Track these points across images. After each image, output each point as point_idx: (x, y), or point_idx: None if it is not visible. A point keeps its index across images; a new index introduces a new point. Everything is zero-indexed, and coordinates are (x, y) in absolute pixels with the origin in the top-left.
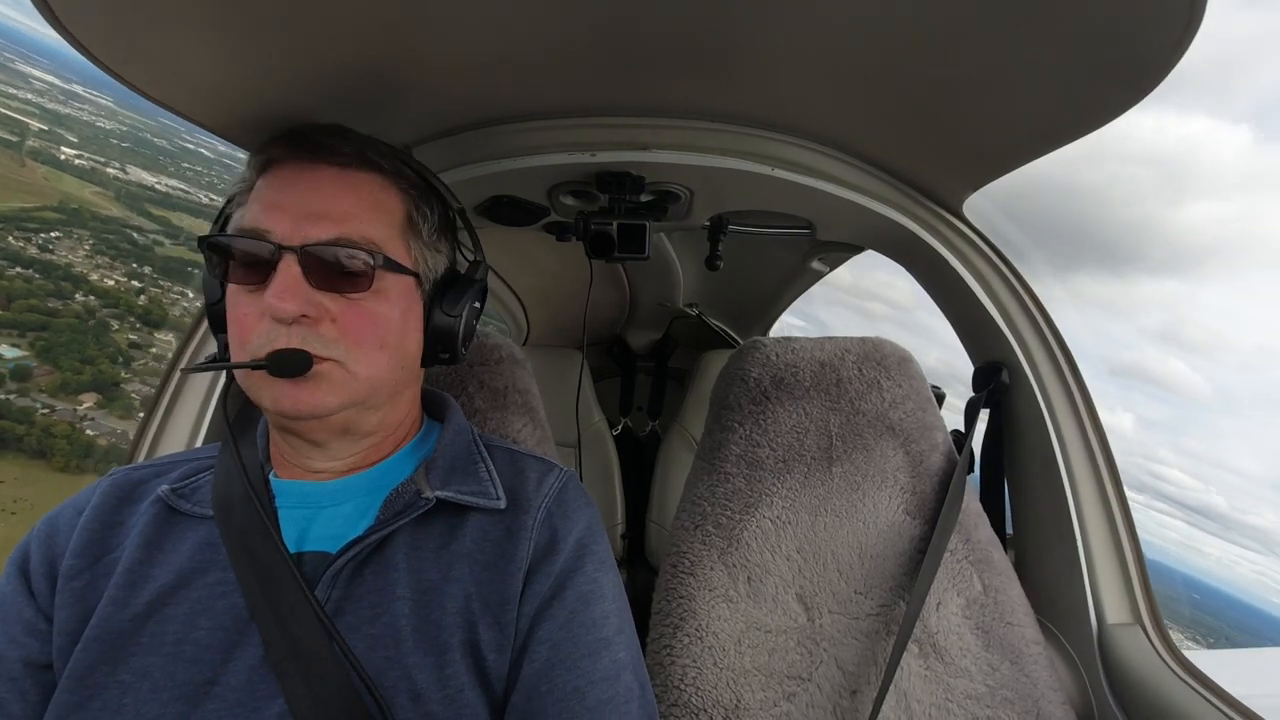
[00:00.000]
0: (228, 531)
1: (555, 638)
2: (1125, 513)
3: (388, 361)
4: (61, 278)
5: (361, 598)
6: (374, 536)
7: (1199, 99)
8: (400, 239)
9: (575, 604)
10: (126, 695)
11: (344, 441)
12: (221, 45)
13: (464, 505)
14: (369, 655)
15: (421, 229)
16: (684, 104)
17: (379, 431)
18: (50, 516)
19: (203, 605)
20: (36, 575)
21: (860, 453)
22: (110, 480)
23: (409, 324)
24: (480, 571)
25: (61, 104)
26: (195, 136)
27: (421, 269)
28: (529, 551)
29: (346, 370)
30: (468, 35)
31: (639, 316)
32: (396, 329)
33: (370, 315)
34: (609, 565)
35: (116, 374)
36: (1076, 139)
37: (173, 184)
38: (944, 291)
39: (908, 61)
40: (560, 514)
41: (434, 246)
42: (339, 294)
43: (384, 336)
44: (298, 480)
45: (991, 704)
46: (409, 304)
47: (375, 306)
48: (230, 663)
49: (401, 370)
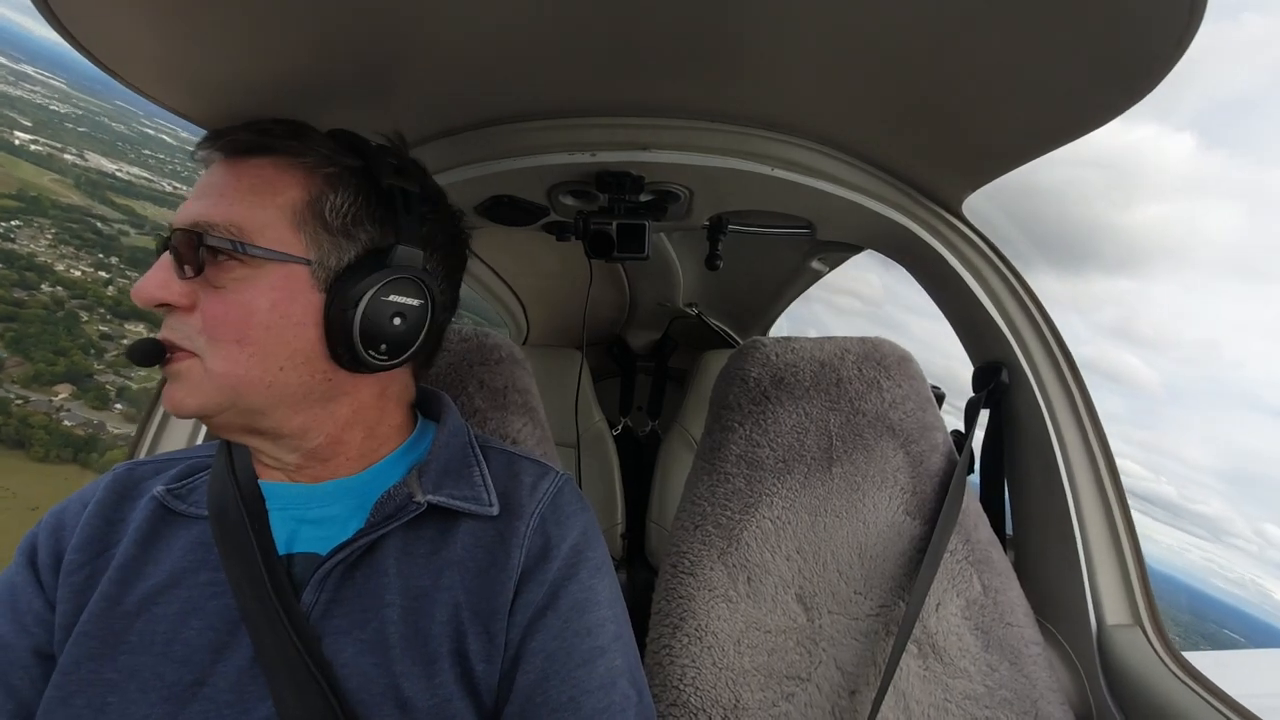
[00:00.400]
0: (222, 533)
1: (549, 648)
2: (1125, 513)
3: (249, 360)
4: (25, 268)
5: (351, 601)
6: (363, 540)
7: (1144, 105)
8: (287, 223)
9: (569, 612)
10: (112, 694)
11: (268, 444)
12: (220, 46)
13: (456, 510)
14: (357, 660)
15: (325, 212)
16: (684, 104)
17: (297, 436)
18: (58, 509)
19: (193, 605)
20: (44, 566)
21: (860, 453)
22: (114, 475)
23: (288, 317)
24: (471, 579)
25: (11, 85)
26: (155, 121)
27: (314, 255)
28: (521, 559)
29: (203, 367)
30: (467, 35)
31: (639, 316)
32: (262, 322)
33: (230, 304)
34: (605, 571)
35: (90, 365)
36: (1077, 138)
37: (134, 171)
38: (944, 291)
39: (908, 61)
40: (554, 520)
41: (343, 231)
42: (206, 283)
43: (244, 330)
44: (285, 482)
45: (990, 705)
46: (290, 295)
47: (239, 296)
48: (219, 664)
49: (281, 370)
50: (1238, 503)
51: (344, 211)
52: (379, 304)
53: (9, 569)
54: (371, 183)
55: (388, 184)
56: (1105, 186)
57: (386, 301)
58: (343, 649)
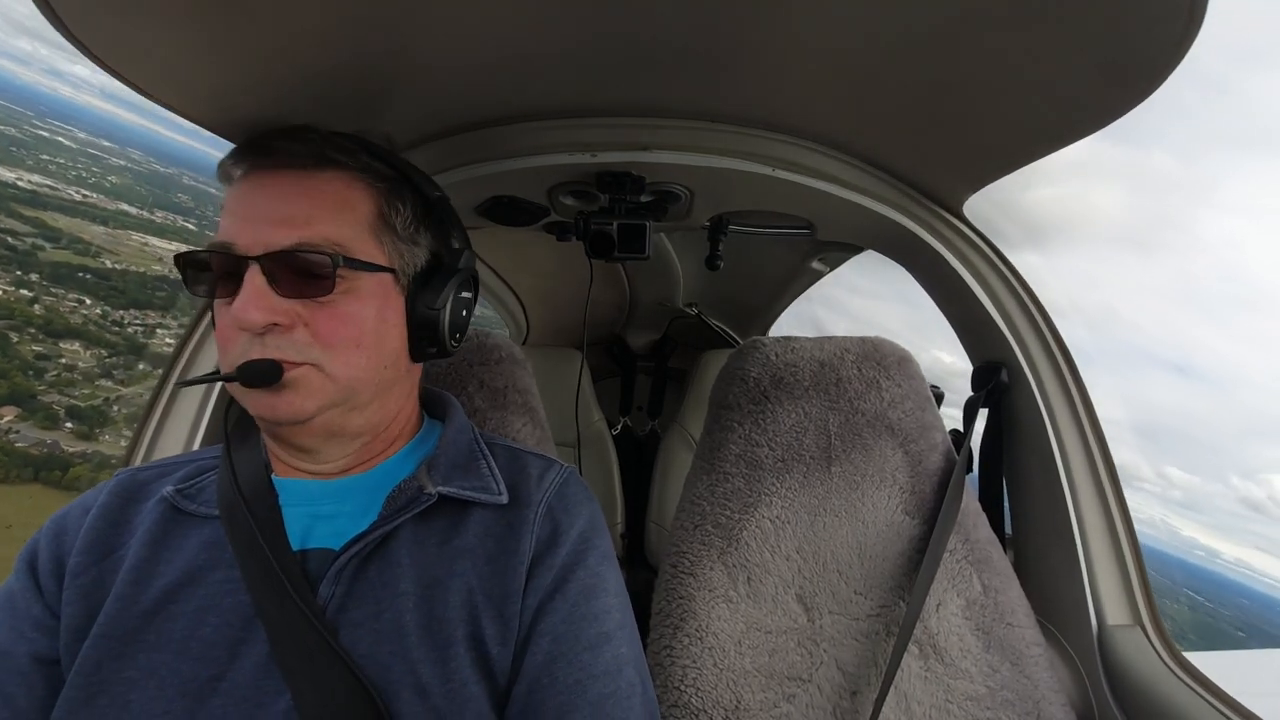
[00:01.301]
0: (233, 531)
1: (557, 630)
2: (1124, 513)
3: (366, 361)
4: None
5: (366, 594)
6: (377, 532)
7: None
8: (370, 235)
9: (577, 597)
10: (133, 692)
11: (331, 445)
12: (220, 46)
13: (466, 500)
14: (374, 650)
15: (395, 223)
16: (684, 104)
17: (367, 432)
18: (59, 515)
19: (209, 603)
20: (45, 572)
21: (859, 452)
22: (117, 481)
23: (387, 320)
24: (483, 565)
25: None
26: (49, 123)
27: (397, 264)
28: (531, 545)
29: (323, 374)
30: (467, 36)
31: (639, 316)
32: (372, 327)
33: (342, 316)
34: (611, 560)
35: (32, 386)
36: (1078, 139)
37: (36, 179)
38: (944, 291)
39: (908, 61)
40: (561, 508)
41: (411, 239)
42: (308, 299)
43: (358, 336)
44: (299, 479)
45: (992, 705)
46: (385, 300)
47: (346, 307)
48: (237, 660)
49: (384, 369)
50: (1144, 451)
51: (408, 221)
52: (459, 300)
53: (9, 578)
54: (416, 191)
55: (429, 192)
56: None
57: (461, 298)
58: (360, 640)
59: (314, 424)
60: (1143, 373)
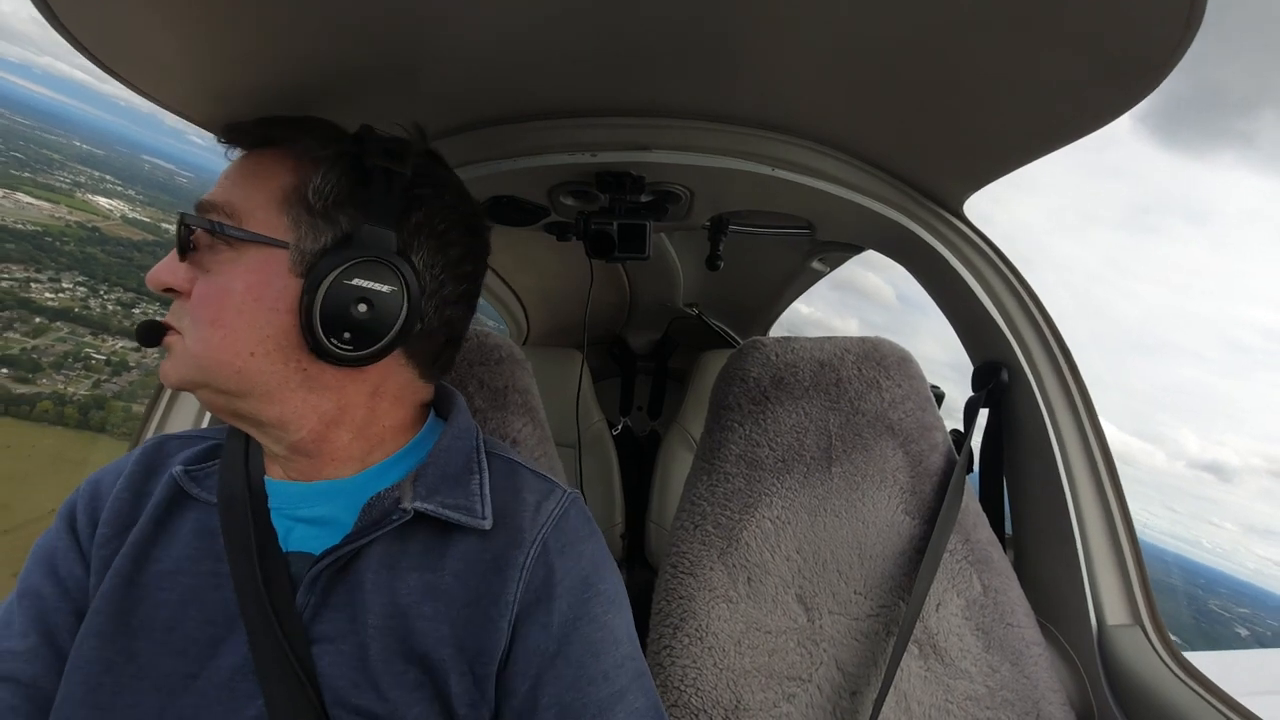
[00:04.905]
0: (228, 524)
1: (564, 699)
2: (1124, 513)
3: (220, 341)
4: None
5: (336, 608)
6: (348, 547)
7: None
8: (274, 208)
9: (583, 657)
10: (107, 674)
11: (255, 431)
12: (220, 49)
13: (445, 521)
14: (340, 670)
15: (309, 195)
16: (684, 104)
17: (293, 429)
18: (96, 476)
19: (194, 594)
20: (82, 532)
21: (859, 452)
22: (145, 447)
23: (262, 301)
24: (458, 610)
25: None
26: None
27: (294, 239)
28: (517, 594)
29: (184, 344)
30: (467, 36)
31: (639, 316)
32: (235, 305)
33: (210, 288)
34: (618, 602)
35: None
36: (1077, 139)
37: None
38: (944, 291)
39: (908, 61)
40: (558, 549)
41: (325, 214)
42: (198, 266)
43: (216, 313)
44: (282, 480)
45: (992, 705)
46: (264, 279)
47: (220, 279)
48: (215, 659)
49: (259, 357)
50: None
51: (325, 193)
52: (342, 288)
53: (49, 531)
54: (357, 165)
55: (370, 164)
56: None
57: (350, 285)
58: (324, 655)
59: (201, 398)
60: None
